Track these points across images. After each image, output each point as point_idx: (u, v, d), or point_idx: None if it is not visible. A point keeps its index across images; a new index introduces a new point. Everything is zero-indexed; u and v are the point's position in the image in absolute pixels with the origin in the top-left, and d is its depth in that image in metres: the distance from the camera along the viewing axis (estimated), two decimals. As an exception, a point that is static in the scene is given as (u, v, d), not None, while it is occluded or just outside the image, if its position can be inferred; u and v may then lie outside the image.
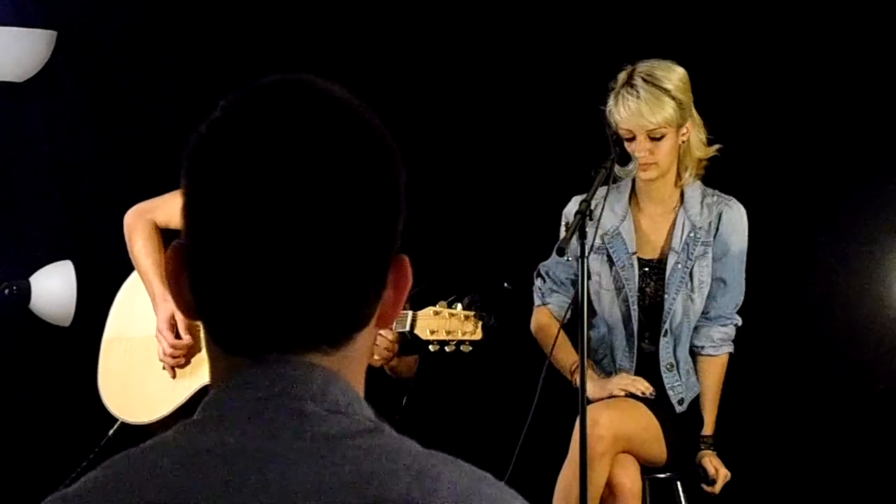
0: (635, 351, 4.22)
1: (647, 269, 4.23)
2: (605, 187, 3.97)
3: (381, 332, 3.71)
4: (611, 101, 4.10)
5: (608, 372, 4.25)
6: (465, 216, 5.13)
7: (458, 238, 5.08)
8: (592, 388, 4.05)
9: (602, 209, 3.98)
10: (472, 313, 3.76)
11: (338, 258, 1.21)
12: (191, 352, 3.91)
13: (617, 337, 4.24)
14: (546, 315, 4.27)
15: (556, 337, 4.01)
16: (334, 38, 5.16)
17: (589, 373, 4.02)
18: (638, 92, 4.05)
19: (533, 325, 4.31)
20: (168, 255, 1.27)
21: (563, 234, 4.11)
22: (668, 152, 4.11)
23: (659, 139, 4.08)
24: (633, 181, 4.25)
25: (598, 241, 4.17)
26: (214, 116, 1.25)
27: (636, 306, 4.20)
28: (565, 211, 4.26)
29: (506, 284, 3.85)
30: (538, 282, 4.33)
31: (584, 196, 3.88)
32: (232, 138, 1.23)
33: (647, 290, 4.23)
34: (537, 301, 4.34)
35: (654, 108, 4.04)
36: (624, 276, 4.21)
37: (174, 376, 3.92)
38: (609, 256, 4.24)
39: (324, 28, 5.19)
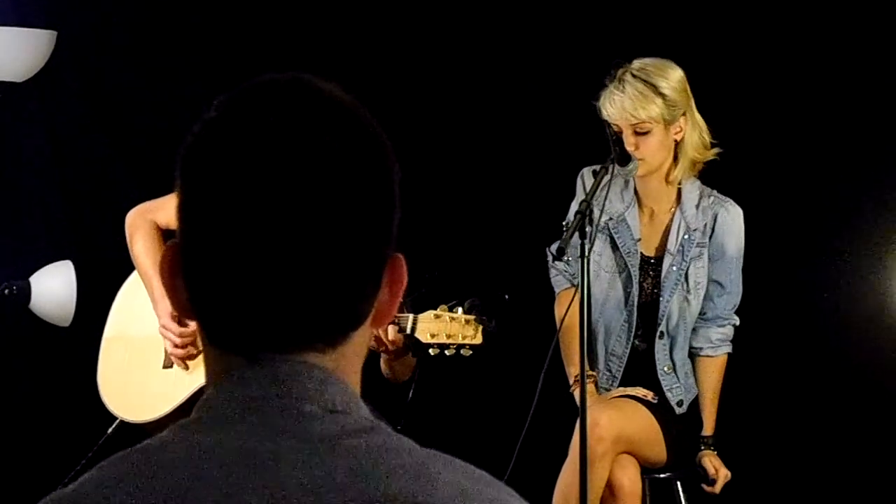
0: (630, 339, 4.21)
1: (645, 264, 4.24)
2: (609, 175, 3.97)
3: (389, 338, 3.73)
4: (602, 96, 4.11)
5: (602, 356, 4.25)
6: (466, 220, 5.13)
7: (460, 242, 5.08)
8: (591, 402, 4.03)
9: (607, 192, 4.01)
10: (472, 317, 3.76)
11: (332, 256, 1.21)
12: (197, 345, 3.90)
13: (611, 321, 4.23)
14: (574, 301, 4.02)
15: (581, 336, 3.86)
16: (333, 38, 5.16)
17: (590, 388, 4.04)
18: (624, 87, 4.07)
19: (562, 314, 4.19)
20: (163, 255, 1.27)
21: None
22: (655, 149, 4.11)
23: (644, 134, 4.08)
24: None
25: (602, 223, 4.17)
26: (208, 115, 1.25)
27: (636, 295, 4.20)
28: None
29: (505, 296, 3.85)
30: (560, 264, 4.31)
31: (584, 196, 3.90)
32: (226, 137, 1.22)
33: (645, 284, 4.23)
34: (566, 284, 4.33)
35: (637, 103, 4.05)
36: (629, 263, 4.21)
37: (187, 368, 3.91)
38: (612, 239, 4.24)
39: (323, 28, 5.19)
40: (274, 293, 1.21)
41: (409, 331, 3.76)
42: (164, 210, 3.93)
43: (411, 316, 3.76)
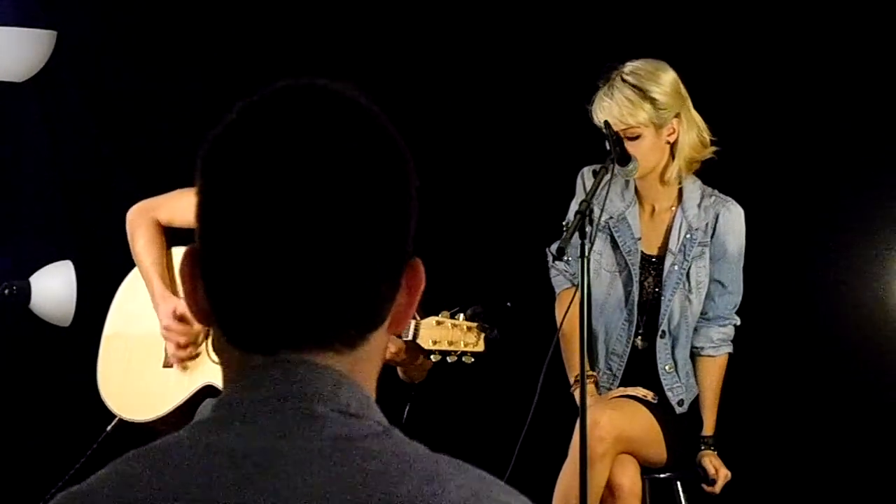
0: (631, 338, 4.22)
1: (646, 263, 4.24)
2: (609, 175, 3.98)
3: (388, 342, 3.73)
4: (593, 101, 4.12)
5: (603, 355, 4.25)
6: (466, 220, 5.13)
7: (460, 242, 5.08)
8: (591, 402, 4.03)
9: (607, 192, 4.01)
10: (474, 325, 3.76)
11: (351, 258, 1.22)
12: (198, 344, 3.90)
13: (612, 320, 4.23)
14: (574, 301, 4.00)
15: (581, 335, 3.83)
16: (333, 40, 5.16)
17: (590, 388, 4.04)
18: (613, 93, 4.07)
19: (562, 314, 4.17)
20: (183, 259, 1.28)
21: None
22: (646, 152, 4.11)
23: (635, 139, 4.09)
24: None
25: (602, 223, 4.17)
26: (230, 118, 1.26)
27: (637, 294, 4.20)
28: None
29: (508, 304, 3.84)
30: (560, 264, 4.31)
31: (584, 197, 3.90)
32: (246, 140, 1.24)
33: (646, 283, 4.23)
34: (566, 283, 4.33)
35: (625, 110, 4.05)
36: (630, 262, 4.22)
37: (186, 368, 3.90)
38: (613, 239, 4.25)
39: (323, 29, 5.19)
40: (293, 292, 1.22)
41: (410, 337, 3.76)
42: (166, 207, 3.92)
43: (413, 322, 3.76)
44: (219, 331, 1.27)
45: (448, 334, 3.75)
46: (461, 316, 3.77)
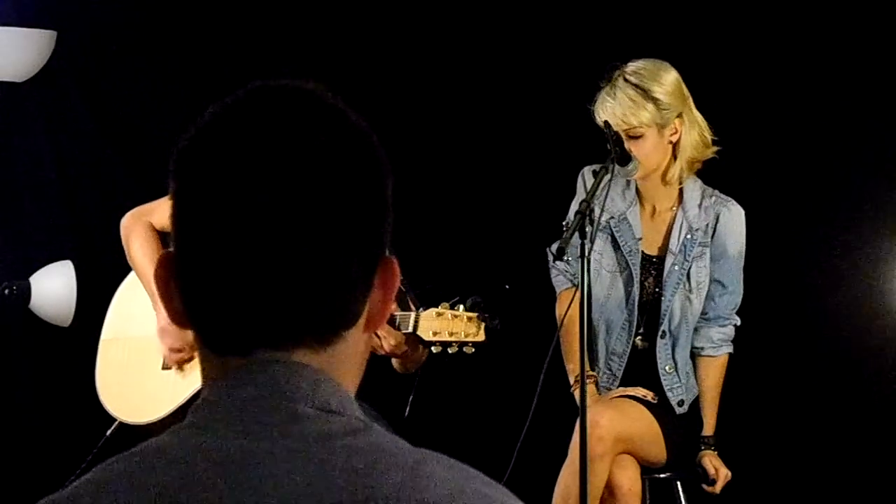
0: (631, 338, 4.22)
1: (647, 263, 4.24)
2: (610, 175, 3.97)
3: (386, 335, 3.73)
4: (596, 101, 4.12)
5: (603, 355, 4.25)
6: (467, 220, 5.13)
7: (461, 240, 5.08)
8: (591, 402, 4.03)
9: (607, 192, 4.01)
10: (474, 315, 3.77)
11: (321, 253, 1.23)
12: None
13: (612, 320, 4.23)
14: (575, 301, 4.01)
15: (581, 335, 3.82)
16: (334, 41, 5.16)
17: (590, 388, 4.03)
18: (616, 93, 4.07)
19: (562, 314, 4.17)
20: (157, 263, 1.29)
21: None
22: (649, 152, 4.11)
23: (637, 139, 4.09)
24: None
25: (603, 222, 4.17)
26: (201, 121, 1.27)
27: (637, 294, 4.20)
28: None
29: (506, 286, 3.85)
30: (560, 264, 4.31)
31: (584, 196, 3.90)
32: (218, 141, 1.25)
33: (646, 283, 4.23)
34: (566, 283, 4.32)
35: (627, 110, 4.05)
36: (631, 262, 4.22)
37: (182, 369, 3.91)
38: (614, 238, 4.25)
39: (324, 31, 5.19)
40: (265, 290, 1.22)
41: (410, 329, 3.76)
42: (159, 212, 3.93)
43: (413, 314, 3.76)
44: (196, 334, 1.27)
45: (448, 325, 3.75)
46: (461, 307, 3.78)
